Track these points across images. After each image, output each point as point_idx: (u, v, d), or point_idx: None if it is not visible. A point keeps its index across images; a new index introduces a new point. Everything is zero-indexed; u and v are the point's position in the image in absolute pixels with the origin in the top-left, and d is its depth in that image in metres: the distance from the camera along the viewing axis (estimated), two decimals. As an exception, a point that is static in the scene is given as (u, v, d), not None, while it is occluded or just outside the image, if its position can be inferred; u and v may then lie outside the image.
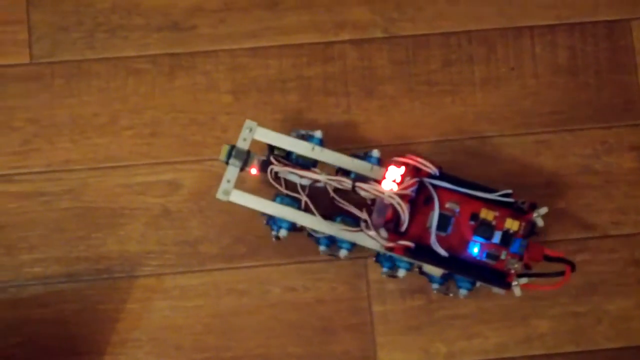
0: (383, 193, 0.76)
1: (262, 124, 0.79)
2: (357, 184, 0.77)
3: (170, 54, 0.89)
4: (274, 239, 0.80)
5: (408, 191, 0.76)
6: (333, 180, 0.78)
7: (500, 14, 0.91)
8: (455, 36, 0.90)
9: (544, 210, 0.77)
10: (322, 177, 0.78)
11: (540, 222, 0.77)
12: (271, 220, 0.80)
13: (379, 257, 0.81)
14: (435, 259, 0.76)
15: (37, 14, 0.89)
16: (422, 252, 0.76)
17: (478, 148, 0.89)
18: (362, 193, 0.78)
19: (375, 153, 0.80)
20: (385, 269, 0.80)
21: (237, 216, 0.86)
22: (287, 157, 0.80)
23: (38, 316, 0.85)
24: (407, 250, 0.76)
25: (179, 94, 0.89)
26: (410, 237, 0.76)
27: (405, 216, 0.76)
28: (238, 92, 0.89)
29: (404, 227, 0.76)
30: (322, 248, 0.80)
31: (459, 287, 0.79)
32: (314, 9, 0.90)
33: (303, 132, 0.81)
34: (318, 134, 0.81)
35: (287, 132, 0.81)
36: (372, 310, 0.87)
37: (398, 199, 0.76)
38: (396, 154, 0.80)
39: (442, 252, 0.76)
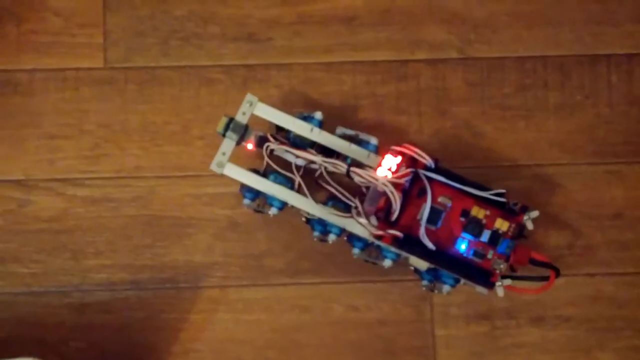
0: (377, 180, 0.77)
1: (331, 140, 0.79)
2: (352, 168, 0.78)
3: (245, 65, 0.89)
4: (248, 208, 0.80)
5: (402, 180, 0.76)
6: (328, 162, 0.78)
7: (577, 41, 0.90)
8: (531, 61, 0.89)
9: (535, 213, 0.77)
10: (317, 159, 0.78)
11: (530, 225, 0.77)
12: (250, 194, 0.80)
13: (350, 238, 0.80)
14: (422, 252, 0.76)
15: (112, 18, 0.88)
16: (410, 243, 0.76)
17: (549, 175, 0.88)
18: (356, 178, 0.78)
19: (374, 140, 0.81)
20: (356, 250, 0.80)
21: (303, 231, 0.85)
22: (286, 137, 0.80)
23: (102, 322, 0.85)
24: (395, 240, 0.76)
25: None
26: (400, 228, 0.76)
27: (396, 205, 0.76)
28: (309, 106, 0.88)
29: (394, 217, 0.76)
30: (315, 233, 0.81)
31: (443, 283, 0.79)
32: (390, 27, 0.89)
33: (305, 113, 0.81)
34: (318, 115, 0.81)
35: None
36: (434, 334, 0.86)
37: (391, 187, 0.76)
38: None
39: (430, 245, 0.76)
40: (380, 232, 0.76)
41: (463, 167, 0.86)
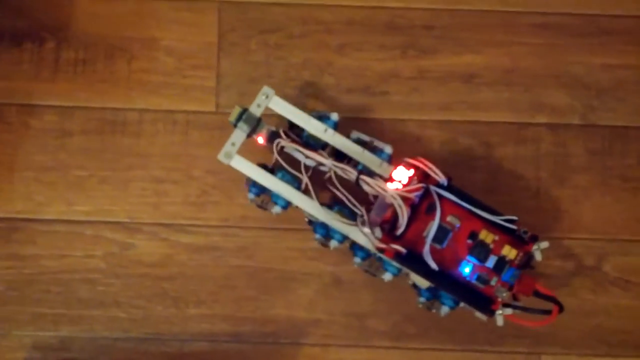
0: (386, 191, 0.74)
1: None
2: (362, 176, 0.75)
3: (358, 118, 0.86)
4: (252, 203, 0.78)
5: (412, 195, 0.74)
6: (338, 167, 0.75)
7: None
8: (656, 131, 0.86)
9: (544, 244, 0.75)
10: (327, 162, 0.76)
11: (538, 256, 0.75)
12: (256, 189, 0.78)
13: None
14: (424, 270, 0.74)
15: (227, 62, 0.86)
16: (413, 260, 0.74)
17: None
18: (365, 187, 0.75)
19: (388, 149, 0.78)
20: (358, 260, 0.78)
21: (409, 294, 0.83)
22: (298, 135, 0.78)
23: (200, 374, 0.83)
24: (397, 255, 0.73)
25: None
26: (404, 243, 0.74)
27: (403, 220, 0.73)
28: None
29: (400, 231, 0.74)
30: (316, 236, 0.78)
31: (442, 304, 0.77)
32: (511, 87, 0.86)
33: (322, 112, 0.79)
34: (334, 116, 0.78)
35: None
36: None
37: (400, 201, 0.73)
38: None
39: (433, 265, 0.73)
40: (383, 246, 0.74)
41: (578, 239, 0.83)
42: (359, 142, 0.78)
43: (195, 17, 0.86)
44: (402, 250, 0.73)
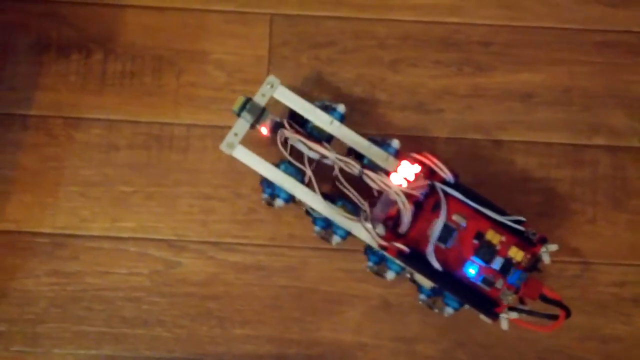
0: (390, 187, 0.71)
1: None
2: (366, 171, 0.73)
3: (411, 136, 0.84)
4: (263, 202, 0.76)
5: (416, 192, 0.71)
6: (342, 160, 0.73)
7: None
8: None
9: (553, 247, 0.72)
10: (331, 155, 0.74)
11: (546, 259, 0.72)
12: (267, 184, 0.76)
13: (367, 250, 0.76)
14: (428, 270, 0.72)
15: (277, 77, 0.84)
16: (416, 259, 0.72)
17: None
18: (369, 182, 0.73)
19: (395, 144, 0.76)
20: (371, 264, 0.75)
21: (460, 320, 0.81)
22: (303, 126, 0.75)
23: (245, 396, 0.81)
24: (400, 254, 0.71)
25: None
26: (408, 241, 0.72)
27: (407, 217, 0.71)
28: (476, 185, 0.83)
29: (403, 229, 0.71)
30: (316, 229, 0.76)
31: (446, 304, 0.75)
32: (569, 107, 0.84)
33: (327, 102, 0.76)
34: (341, 108, 0.76)
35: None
36: None
37: (404, 197, 0.71)
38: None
39: (437, 265, 0.71)
40: (385, 243, 0.71)
41: (636, 265, 0.81)
42: (371, 141, 0.76)
43: (246, 29, 0.84)
44: (405, 249, 0.71)
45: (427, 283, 0.75)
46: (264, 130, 0.76)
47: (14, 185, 0.83)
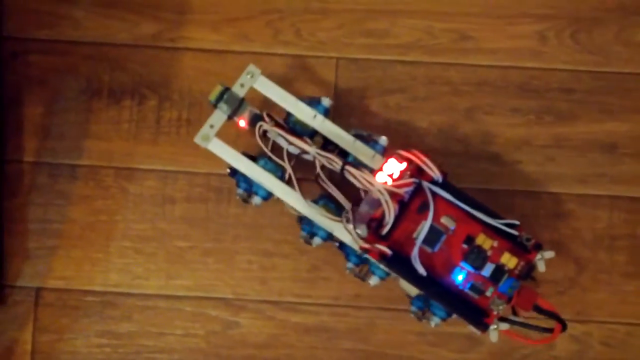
0: (372, 185, 0.66)
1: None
2: (347, 167, 0.67)
3: (486, 189, 0.78)
4: (237, 197, 0.71)
5: (401, 190, 0.66)
6: (323, 156, 0.68)
7: None
8: None
9: (549, 254, 0.67)
10: (311, 150, 0.69)
11: (541, 267, 0.67)
12: (242, 177, 0.71)
13: (345, 249, 0.71)
14: (412, 276, 0.67)
15: (343, 125, 0.78)
16: (399, 263, 0.66)
17: None
18: (350, 178, 0.68)
19: (383, 141, 0.71)
20: (350, 265, 0.70)
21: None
22: (286, 120, 0.71)
23: None
24: (382, 257, 0.66)
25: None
26: (392, 243, 0.66)
27: (390, 217, 0.66)
28: (558, 244, 0.78)
29: (385, 230, 0.66)
30: (302, 234, 0.71)
31: (433, 314, 0.70)
32: (657, 159, 0.78)
33: (312, 98, 0.71)
34: (326, 101, 0.71)
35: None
36: None
37: (387, 196, 0.66)
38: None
39: (421, 270, 0.66)
40: (367, 246, 0.66)
41: None
42: (355, 136, 0.71)
43: (310, 74, 0.78)
44: (388, 251, 0.66)
45: (412, 290, 0.70)
46: (242, 123, 0.71)
47: (62, 240, 0.78)
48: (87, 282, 0.78)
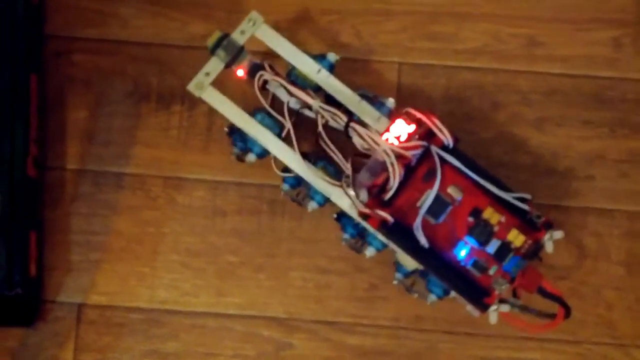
0: (379, 145, 0.62)
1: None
2: (353, 124, 0.64)
3: (558, 206, 0.74)
4: (233, 156, 0.67)
5: (408, 153, 0.62)
6: (327, 110, 0.64)
7: None
8: None
9: (559, 234, 0.63)
10: (314, 103, 0.65)
11: (549, 247, 0.63)
12: (239, 135, 0.67)
13: (343, 219, 0.67)
14: (412, 247, 0.63)
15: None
16: (400, 232, 0.62)
17: None
18: (355, 139, 0.65)
19: (390, 103, 0.67)
20: (347, 236, 0.67)
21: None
22: (287, 76, 0.67)
23: None
24: (383, 225, 0.61)
25: (559, 254, 0.73)
26: (394, 211, 0.62)
27: (394, 181, 0.62)
28: (633, 265, 0.73)
29: (388, 195, 0.62)
30: (285, 187, 0.67)
31: (430, 291, 0.66)
32: None
33: (317, 54, 0.68)
34: (332, 57, 0.67)
35: None
36: None
37: (393, 158, 0.62)
38: None
39: (423, 241, 0.62)
40: (367, 211, 0.62)
41: None
42: (361, 96, 0.67)
43: (371, 79, 0.74)
44: (389, 218, 0.62)
45: (410, 263, 0.66)
46: (240, 73, 0.67)
47: (106, 253, 0.73)
48: (132, 298, 0.73)
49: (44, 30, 0.75)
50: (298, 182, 0.67)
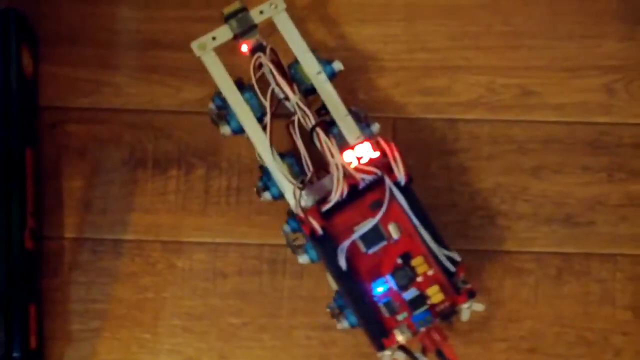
0: (333, 156, 0.62)
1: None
2: (318, 129, 0.63)
3: (560, 253, 0.73)
4: (208, 114, 0.68)
5: (358, 176, 0.62)
6: (301, 107, 0.64)
7: None
8: None
9: (479, 307, 0.63)
10: (293, 97, 0.65)
11: (465, 316, 0.63)
12: (220, 100, 0.67)
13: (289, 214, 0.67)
14: (331, 264, 0.63)
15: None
16: (325, 246, 0.63)
17: None
18: (316, 143, 0.64)
19: (375, 127, 0.67)
20: (287, 229, 0.66)
21: None
22: (289, 67, 0.68)
23: None
24: (312, 234, 0.62)
25: (567, 304, 0.73)
26: (330, 226, 0.63)
27: (334, 196, 0.62)
28: (639, 309, 0.72)
29: (325, 208, 0.62)
30: (259, 184, 0.67)
31: (345, 317, 0.65)
32: None
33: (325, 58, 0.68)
34: (337, 65, 0.67)
35: None
36: None
37: (341, 173, 0.62)
38: None
39: (342, 262, 0.62)
40: (301, 215, 0.62)
41: None
42: (351, 112, 0.67)
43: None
44: (318, 228, 0.62)
45: (332, 284, 0.65)
46: (244, 48, 0.67)
47: (107, 321, 0.73)
48: (134, 365, 0.72)
49: (38, 103, 0.75)
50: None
